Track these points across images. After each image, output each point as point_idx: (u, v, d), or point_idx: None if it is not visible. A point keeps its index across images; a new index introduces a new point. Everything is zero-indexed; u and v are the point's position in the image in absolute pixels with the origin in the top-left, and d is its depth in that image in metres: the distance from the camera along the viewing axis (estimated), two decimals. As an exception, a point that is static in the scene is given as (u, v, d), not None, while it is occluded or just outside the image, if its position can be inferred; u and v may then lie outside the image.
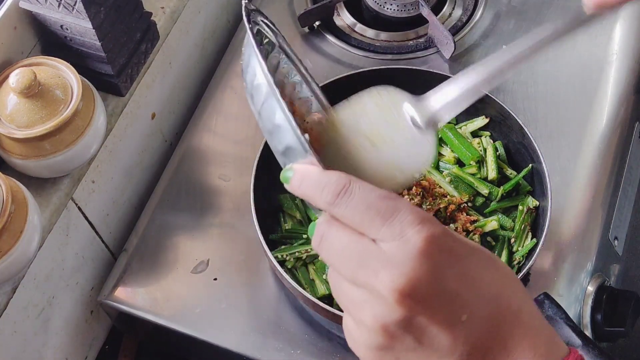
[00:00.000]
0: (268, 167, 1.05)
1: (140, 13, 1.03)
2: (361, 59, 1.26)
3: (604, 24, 1.27)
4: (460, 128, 1.12)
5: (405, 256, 0.50)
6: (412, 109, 0.77)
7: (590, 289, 1.07)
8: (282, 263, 1.01)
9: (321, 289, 1.00)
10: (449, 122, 1.13)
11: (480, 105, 1.10)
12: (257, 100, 0.68)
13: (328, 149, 0.80)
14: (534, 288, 1.00)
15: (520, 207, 1.03)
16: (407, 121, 0.77)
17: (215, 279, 1.07)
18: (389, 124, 0.79)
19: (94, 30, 0.93)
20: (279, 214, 1.08)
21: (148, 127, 1.19)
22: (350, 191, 0.54)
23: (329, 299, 0.99)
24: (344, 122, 0.80)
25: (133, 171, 1.18)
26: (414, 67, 1.13)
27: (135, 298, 1.06)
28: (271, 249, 0.98)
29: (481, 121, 1.11)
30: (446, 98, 0.75)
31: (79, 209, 1.05)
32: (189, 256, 1.09)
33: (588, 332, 1.05)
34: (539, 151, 1.01)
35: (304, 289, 0.96)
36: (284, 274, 0.95)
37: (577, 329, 0.83)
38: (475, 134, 1.12)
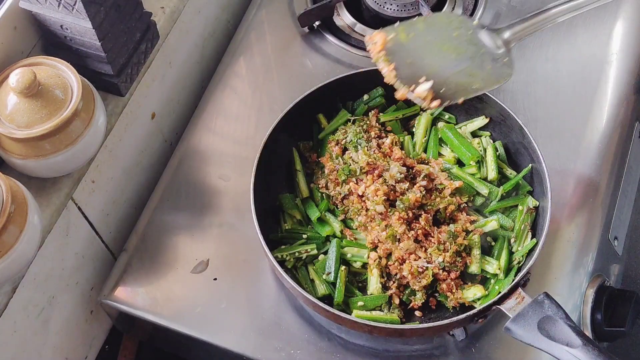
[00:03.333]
0: (268, 167, 1.05)
1: (140, 13, 1.03)
2: (361, 59, 1.26)
3: (604, 23, 1.27)
4: (460, 128, 1.12)
5: None
6: (487, 30, 0.94)
7: (591, 289, 1.07)
8: (282, 263, 1.01)
9: (321, 289, 1.00)
10: (449, 122, 1.13)
11: (480, 105, 1.10)
12: None
13: (399, 55, 0.95)
14: (534, 288, 1.00)
15: (520, 207, 1.03)
16: (480, 38, 0.95)
17: (215, 279, 1.07)
18: (459, 38, 0.96)
19: (93, 30, 0.93)
20: (279, 214, 1.08)
21: (148, 127, 1.19)
22: None
23: (329, 299, 1.00)
24: (420, 33, 0.97)
25: (133, 171, 1.18)
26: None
27: (135, 298, 1.06)
28: (271, 249, 0.98)
29: (481, 121, 1.11)
30: (516, 23, 0.93)
31: (79, 208, 1.05)
32: (189, 256, 1.09)
33: (588, 332, 1.05)
34: (538, 151, 1.01)
35: (303, 289, 0.96)
36: (284, 274, 0.95)
37: (576, 329, 0.83)
38: (475, 134, 1.12)
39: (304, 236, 1.04)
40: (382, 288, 1.00)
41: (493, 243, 1.03)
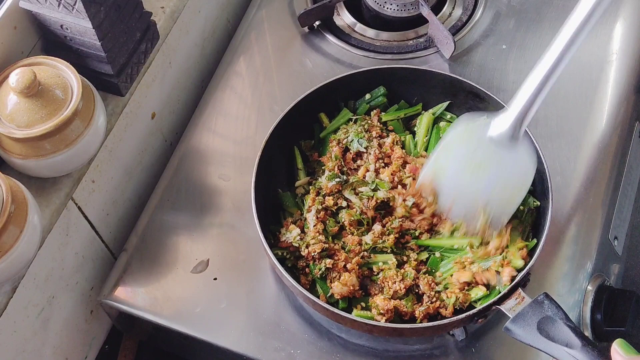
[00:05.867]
0: (269, 165, 1.05)
1: (140, 13, 1.03)
2: (361, 59, 1.26)
3: (604, 23, 1.27)
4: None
5: None
6: (494, 129, 0.91)
7: (590, 289, 1.07)
8: (282, 262, 1.01)
9: (321, 292, 1.00)
10: (448, 122, 1.13)
11: (482, 105, 1.10)
12: None
13: (443, 194, 0.96)
14: (534, 288, 1.00)
15: (521, 207, 1.03)
16: (497, 143, 0.91)
17: (215, 279, 1.07)
18: (484, 153, 0.93)
19: (93, 30, 0.93)
20: (279, 213, 1.08)
21: (148, 127, 1.19)
22: None
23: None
24: (447, 168, 0.96)
25: (133, 171, 1.18)
26: (414, 67, 1.13)
27: (135, 298, 1.06)
28: (271, 248, 0.98)
29: (482, 121, 1.11)
30: (519, 102, 0.87)
31: (79, 208, 1.05)
32: (189, 256, 1.09)
33: (588, 332, 1.05)
34: (540, 152, 1.01)
35: (303, 287, 0.96)
36: (284, 271, 0.95)
37: (576, 330, 0.83)
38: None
39: (304, 235, 1.04)
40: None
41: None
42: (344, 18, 1.33)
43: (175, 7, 1.15)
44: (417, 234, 1.03)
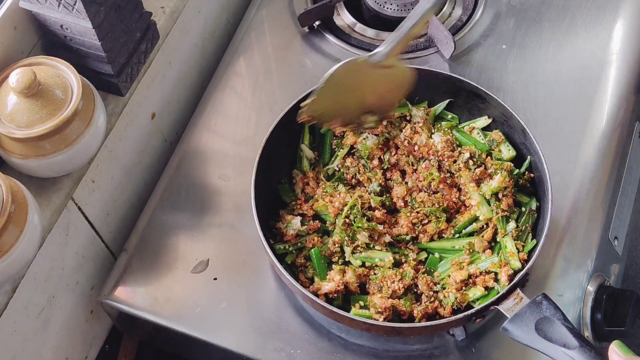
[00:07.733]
0: (269, 164, 1.05)
1: (140, 13, 1.03)
2: (361, 59, 1.26)
3: (604, 23, 1.27)
4: (463, 128, 1.12)
5: None
6: (373, 58, 1.04)
7: (590, 288, 1.07)
8: (281, 259, 1.01)
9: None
10: (450, 122, 1.13)
11: (483, 106, 1.10)
12: None
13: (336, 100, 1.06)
14: (533, 288, 1.00)
15: (522, 209, 1.03)
16: (375, 66, 1.04)
17: (215, 279, 1.07)
18: (363, 77, 1.05)
19: (93, 30, 0.94)
20: (279, 211, 1.08)
21: (148, 127, 1.19)
22: None
23: (327, 296, 0.99)
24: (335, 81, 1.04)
25: (133, 171, 1.18)
26: (416, 66, 1.13)
27: (135, 298, 1.06)
28: (271, 247, 0.98)
29: (484, 121, 1.11)
30: (388, 40, 1.04)
31: (79, 208, 1.05)
32: (189, 256, 1.09)
33: (588, 332, 1.05)
34: (540, 153, 1.01)
35: (302, 286, 0.96)
36: (282, 269, 0.95)
37: (574, 330, 0.83)
38: (477, 134, 1.12)
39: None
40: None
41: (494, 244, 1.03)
42: (344, 18, 1.33)
43: (175, 7, 1.15)
44: (414, 235, 1.03)
